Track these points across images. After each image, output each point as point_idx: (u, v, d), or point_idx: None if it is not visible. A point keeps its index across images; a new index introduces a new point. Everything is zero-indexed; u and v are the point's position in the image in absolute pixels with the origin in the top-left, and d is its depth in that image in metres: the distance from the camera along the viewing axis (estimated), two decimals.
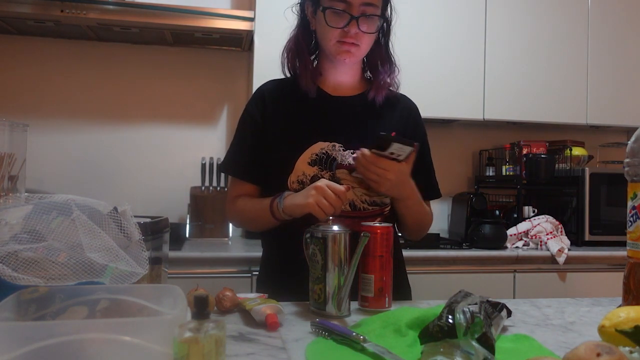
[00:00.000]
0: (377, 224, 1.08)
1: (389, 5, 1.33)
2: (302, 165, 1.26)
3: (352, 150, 1.27)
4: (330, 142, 1.28)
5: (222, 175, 2.58)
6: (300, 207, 1.14)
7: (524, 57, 2.66)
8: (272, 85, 1.38)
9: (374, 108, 1.35)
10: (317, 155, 1.27)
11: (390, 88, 1.38)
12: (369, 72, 1.39)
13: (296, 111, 1.33)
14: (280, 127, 1.31)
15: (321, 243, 1.03)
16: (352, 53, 1.27)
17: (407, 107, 1.41)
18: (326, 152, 1.27)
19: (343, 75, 1.35)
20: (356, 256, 1.00)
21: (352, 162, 1.27)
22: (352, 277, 1.01)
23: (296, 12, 1.37)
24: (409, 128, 1.37)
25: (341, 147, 1.28)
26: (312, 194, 1.11)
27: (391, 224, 1.10)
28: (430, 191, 1.43)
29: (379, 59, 1.36)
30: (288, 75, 1.38)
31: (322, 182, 1.13)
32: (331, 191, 1.11)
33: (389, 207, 1.32)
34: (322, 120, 1.32)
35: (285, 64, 1.36)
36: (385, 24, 1.34)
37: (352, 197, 1.25)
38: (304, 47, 1.33)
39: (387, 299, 1.06)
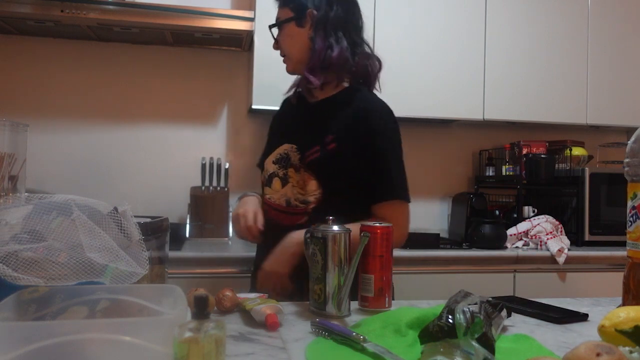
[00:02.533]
0: (377, 224, 1.08)
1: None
2: (268, 164, 1.43)
3: (299, 152, 1.37)
4: (291, 144, 1.38)
5: (222, 175, 2.58)
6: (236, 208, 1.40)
7: (524, 57, 2.66)
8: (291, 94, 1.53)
9: (332, 108, 1.38)
10: (280, 155, 1.39)
11: (312, 75, 1.37)
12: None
13: (281, 118, 1.54)
14: (270, 131, 1.54)
15: (321, 243, 1.03)
16: (287, 65, 1.44)
17: (363, 109, 1.34)
18: (287, 152, 1.38)
19: (304, 82, 1.43)
20: (356, 256, 1.00)
21: (296, 162, 1.37)
22: (352, 277, 1.01)
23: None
24: (359, 129, 1.32)
25: (296, 147, 1.37)
26: (237, 213, 1.36)
27: (390, 224, 1.10)
28: (383, 191, 1.32)
29: (311, 55, 1.37)
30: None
31: (245, 212, 1.34)
32: (244, 220, 1.33)
33: (313, 205, 1.33)
34: (288, 124, 1.48)
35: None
36: (310, 20, 1.37)
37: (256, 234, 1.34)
38: None
39: (387, 298, 1.06)
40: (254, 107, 2.41)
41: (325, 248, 1.02)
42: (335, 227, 1.05)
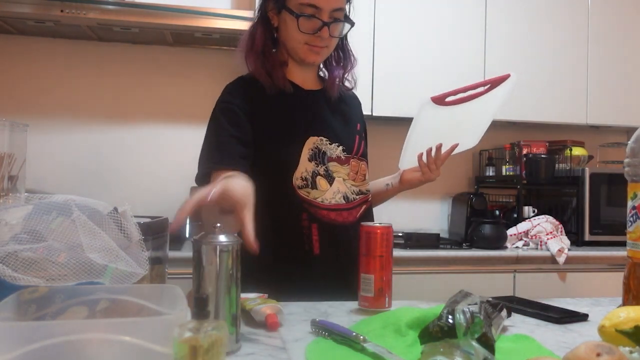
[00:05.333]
0: (377, 224, 1.08)
1: (349, 5, 1.34)
2: (304, 162, 1.27)
3: (337, 144, 1.31)
4: (318, 137, 1.30)
5: None
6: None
7: (524, 57, 2.66)
8: (246, 82, 1.33)
9: (335, 102, 1.39)
10: (312, 150, 1.28)
11: (347, 84, 1.41)
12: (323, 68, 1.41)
13: (281, 107, 1.31)
14: (272, 124, 1.29)
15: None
16: (320, 55, 1.31)
17: (358, 102, 1.50)
18: (317, 146, 1.29)
19: (309, 70, 1.37)
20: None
21: (339, 154, 1.32)
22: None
23: (257, 7, 1.35)
24: (362, 116, 1.49)
25: (327, 140, 1.31)
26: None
27: (390, 224, 1.09)
28: None
29: (335, 56, 1.38)
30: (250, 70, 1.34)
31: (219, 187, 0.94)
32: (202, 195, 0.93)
33: (369, 194, 1.39)
34: (308, 115, 1.33)
35: (251, 61, 1.33)
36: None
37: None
38: (270, 44, 1.32)
39: (387, 299, 1.06)
40: None
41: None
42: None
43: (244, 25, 2.33)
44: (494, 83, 1.31)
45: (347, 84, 1.42)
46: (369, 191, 1.39)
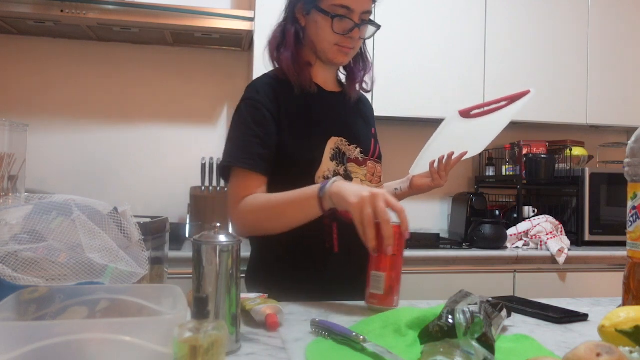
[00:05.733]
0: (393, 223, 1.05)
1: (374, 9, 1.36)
2: (326, 161, 1.28)
3: (355, 145, 1.32)
4: (339, 137, 1.31)
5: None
6: (343, 200, 1.03)
7: (524, 57, 2.66)
8: (271, 80, 1.32)
9: (354, 104, 1.42)
10: (333, 150, 1.29)
11: (364, 86, 1.44)
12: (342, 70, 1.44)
13: (306, 106, 1.31)
14: (297, 123, 1.29)
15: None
16: (348, 57, 1.32)
17: (371, 106, 1.52)
18: (338, 147, 1.30)
19: (330, 72, 1.39)
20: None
21: (357, 156, 1.32)
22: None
23: (285, 6, 1.36)
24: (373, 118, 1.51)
25: (347, 141, 1.32)
26: (362, 196, 1.00)
27: (399, 222, 1.06)
28: None
29: (355, 59, 1.40)
30: (276, 66, 1.34)
31: (381, 191, 1.02)
32: (384, 204, 0.99)
33: None
34: (330, 116, 1.35)
35: (277, 60, 1.33)
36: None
37: (405, 221, 1.05)
38: (297, 44, 1.33)
39: (395, 297, 1.05)
40: None
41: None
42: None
43: (244, 25, 2.33)
44: (515, 98, 1.38)
45: (364, 86, 1.44)
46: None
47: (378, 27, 1.32)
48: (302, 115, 1.30)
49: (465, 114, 1.38)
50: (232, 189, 1.25)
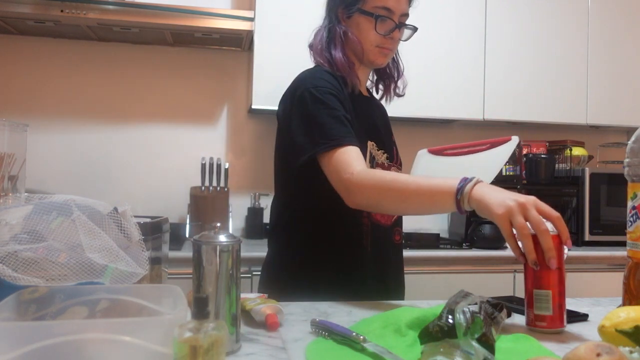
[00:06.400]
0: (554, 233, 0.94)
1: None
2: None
3: (382, 150, 1.34)
4: (372, 141, 1.32)
5: (222, 175, 2.57)
6: (487, 209, 0.96)
7: (524, 57, 2.66)
8: (328, 74, 1.28)
9: (382, 110, 1.47)
10: (369, 153, 1.32)
11: (397, 91, 1.46)
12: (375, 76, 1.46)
13: (353, 106, 1.29)
14: (352, 119, 1.26)
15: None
16: (387, 58, 1.35)
17: (385, 110, 1.51)
18: (371, 150, 1.32)
19: (366, 75, 1.41)
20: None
21: (384, 161, 1.32)
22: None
23: (326, 10, 1.36)
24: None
25: (376, 146, 1.33)
26: (508, 206, 0.92)
27: (557, 232, 0.95)
28: None
29: (390, 63, 1.44)
30: (326, 67, 1.31)
31: (531, 198, 0.94)
32: (537, 212, 0.91)
33: None
34: (369, 118, 1.37)
35: (329, 60, 1.31)
36: None
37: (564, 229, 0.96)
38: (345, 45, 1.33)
39: (564, 316, 0.94)
40: (254, 107, 2.41)
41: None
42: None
43: (244, 25, 2.33)
44: (495, 144, 1.36)
45: (398, 91, 1.46)
46: None
47: (415, 29, 1.36)
48: (351, 113, 1.26)
49: (437, 152, 1.37)
50: (339, 164, 1.14)
